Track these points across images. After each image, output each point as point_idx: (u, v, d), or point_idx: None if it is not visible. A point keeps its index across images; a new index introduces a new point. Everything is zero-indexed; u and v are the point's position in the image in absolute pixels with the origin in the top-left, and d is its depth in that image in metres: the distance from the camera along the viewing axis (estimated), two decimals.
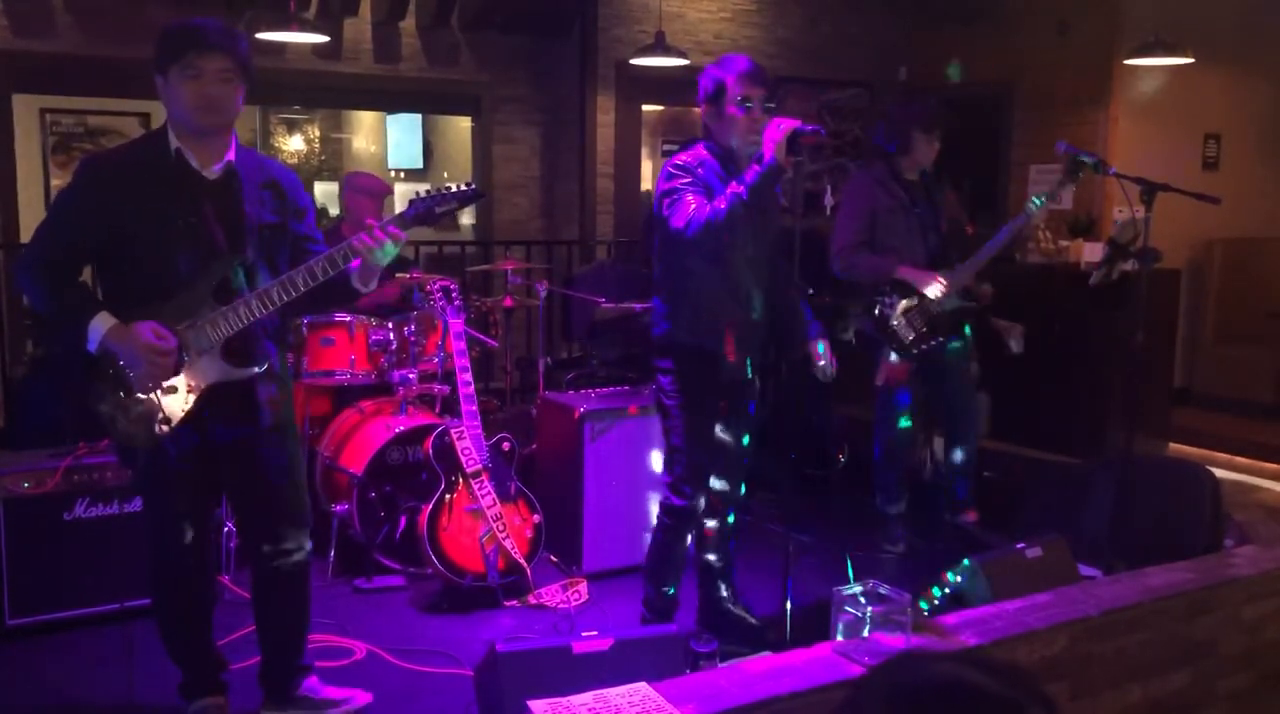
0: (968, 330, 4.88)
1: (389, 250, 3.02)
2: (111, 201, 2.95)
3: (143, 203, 2.95)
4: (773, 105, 3.59)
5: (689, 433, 3.65)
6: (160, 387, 2.97)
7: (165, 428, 2.99)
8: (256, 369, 3.10)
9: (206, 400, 3.03)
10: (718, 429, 3.74)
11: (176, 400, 3.00)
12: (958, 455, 4.90)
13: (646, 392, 4.67)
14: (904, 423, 4.88)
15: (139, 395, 2.98)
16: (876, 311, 4.70)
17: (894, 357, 4.71)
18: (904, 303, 4.66)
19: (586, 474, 4.51)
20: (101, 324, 2.91)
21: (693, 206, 3.39)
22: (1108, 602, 3.23)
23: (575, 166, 7.64)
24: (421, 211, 3.10)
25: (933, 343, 4.70)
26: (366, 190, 5.42)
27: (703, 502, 3.72)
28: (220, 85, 2.97)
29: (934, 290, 4.61)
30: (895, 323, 4.68)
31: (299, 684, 3.38)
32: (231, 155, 3.07)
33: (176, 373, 2.98)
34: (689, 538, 3.82)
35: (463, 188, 3.13)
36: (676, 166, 3.53)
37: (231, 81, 2.99)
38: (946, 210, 4.83)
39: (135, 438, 3.00)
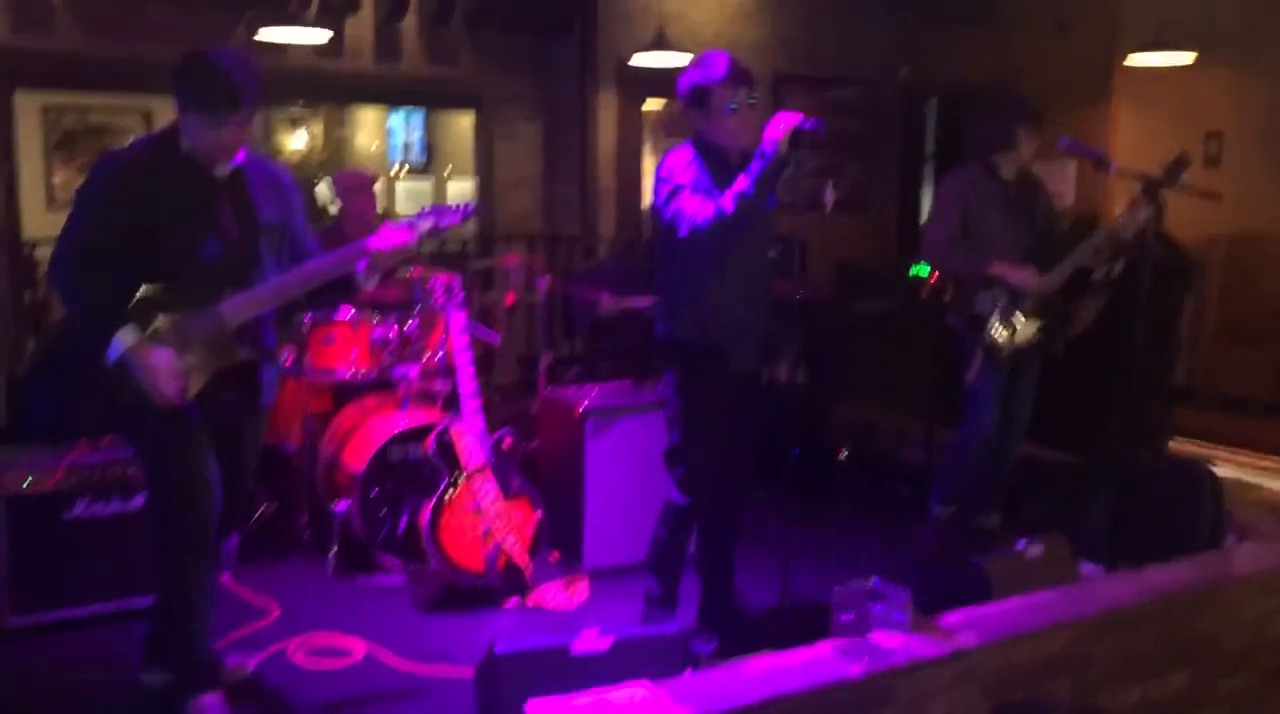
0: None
1: (397, 253, 3.27)
2: (133, 195, 3.12)
3: (162, 197, 3.14)
4: (755, 100, 3.57)
5: (693, 430, 3.65)
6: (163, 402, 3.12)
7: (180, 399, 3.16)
8: (266, 354, 3.37)
9: (218, 378, 3.22)
10: (722, 427, 3.74)
11: (193, 381, 3.17)
12: (1006, 458, 4.84)
13: (648, 388, 4.67)
14: (987, 427, 4.68)
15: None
16: (973, 310, 4.58)
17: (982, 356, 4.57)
18: (1001, 302, 4.54)
19: (588, 471, 4.51)
20: (124, 340, 3.05)
21: (694, 209, 3.38)
22: (1108, 601, 3.23)
23: (576, 164, 7.64)
24: (429, 218, 3.35)
25: (1029, 343, 4.59)
26: (354, 188, 5.45)
27: (705, 499, 3.72)
28: (239, 132, 3.19)
29: (1029, 285, 4.51)
30: (991, 324, 4.55)
31: None
32: (240, 158, 3.26)
33: (181, 398, 3.13)
34: (690, 534, 3.83)
35: (463, 208, 3.42)
36: (669, 170, 3.53)
37: (247, 125, 3.20)
38: (1041, 209, 4.73)
39: (149, 409, 3.12)
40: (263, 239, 3.29)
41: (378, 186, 6.00)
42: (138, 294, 3.10)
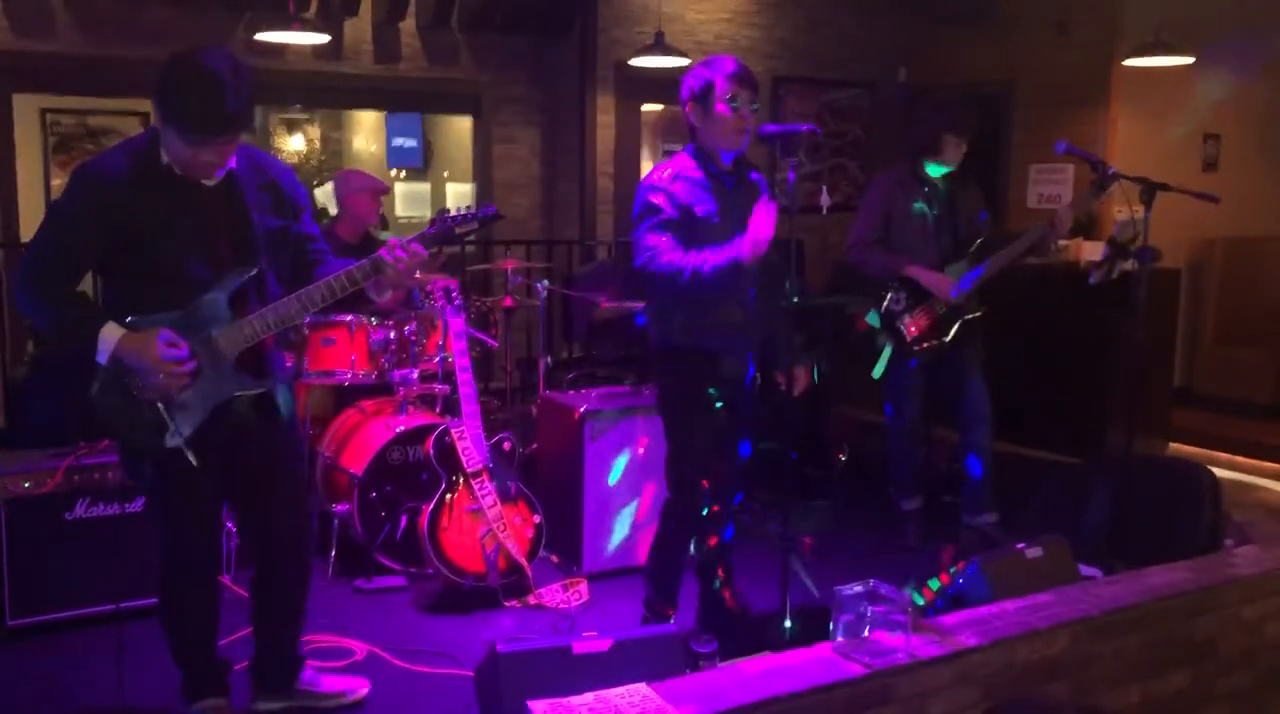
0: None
1: (412, 267, 3.01)
2: (112, 208, 2.85)
3: (144, 209, 2.87)
4: (757, 107, 3.59)
5: (690, 436, 3.65)
6: (175, 397, 2.90)
7: (177, 441, 2.92)
8: (271, 384, 3.10)
9: (219, 413, 2.98)
10: (719, 431, 3.74)
11: (190, 416, 2.94)
12: (969, 453, 4.89)
13: (647, 390, 4.66)
14: (906, 418, 4.95)
15: (151, 407, 2.90)
16: (884, 307, 4.76)
17: (891, 352, 4.78)
18: (911, 302, 4.73)
19: (587, 474, 4.51)
20: (111, 336, 2.83)
21: (668, 256, 3.41)
22: (1108, 602, 3.23)
23: (575, 167, 7.64)
24: (444, 230, 3.13)
25: (934, 344, 4.74)
26: (365, 189, 5.40)
27: (704, 504, 3.72)
28: (222, 151, 2.90)
29: (940, 289, 4.68)
30: (900, 321, 4.74)
31: (299, 676, 3.40)
32: (232, 163, 2.98)
33: (191, 383, 2.91)
34: (690, 539, 3.83)
35: (484, 209, 3.17)
36: (650, 188, 3.52)
37: (231, 143, 2.91)
38: (967, 213, 4.85)
39: (146, 450, 2.97)
40: (261, 252, 3.01)
41: None
42: (125, 322, 2.86)
